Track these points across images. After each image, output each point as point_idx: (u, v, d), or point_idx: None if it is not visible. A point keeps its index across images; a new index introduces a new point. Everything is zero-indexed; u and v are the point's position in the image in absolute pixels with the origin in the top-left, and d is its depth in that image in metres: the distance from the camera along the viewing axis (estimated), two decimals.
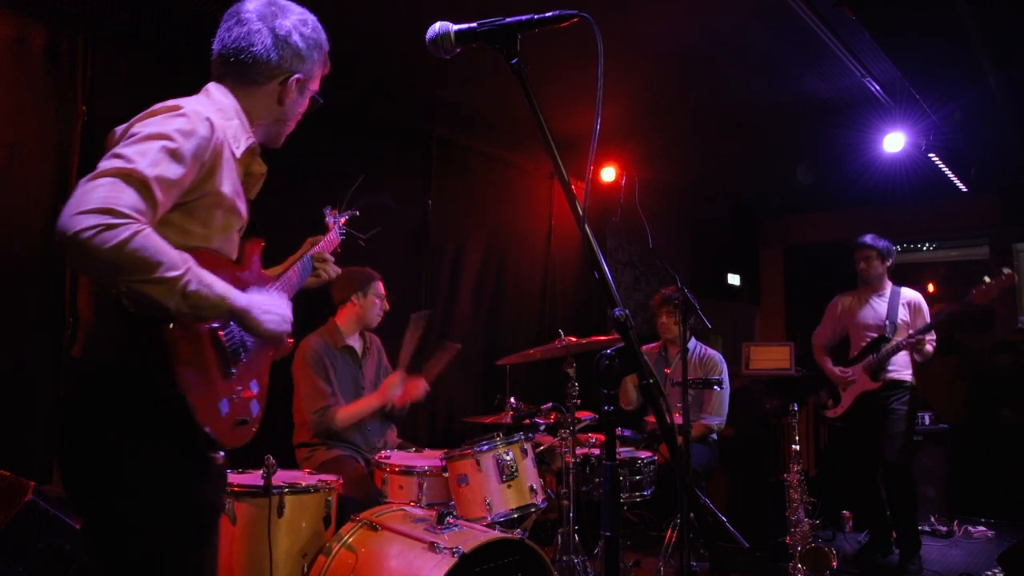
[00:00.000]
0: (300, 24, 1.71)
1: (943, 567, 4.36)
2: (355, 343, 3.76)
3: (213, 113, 1.55)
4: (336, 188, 4.30)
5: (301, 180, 4.10)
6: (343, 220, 2.34)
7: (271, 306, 1.54)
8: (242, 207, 1.63)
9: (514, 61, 1.43)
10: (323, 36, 1.78)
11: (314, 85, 1.79)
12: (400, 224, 4.75)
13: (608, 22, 3.65)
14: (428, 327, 3.94)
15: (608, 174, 5.97)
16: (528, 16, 1.42)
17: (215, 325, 1.49)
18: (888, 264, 4.50)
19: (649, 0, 3.62)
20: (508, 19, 1.43)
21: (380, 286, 3.76)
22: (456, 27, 1.47)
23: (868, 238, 4.51)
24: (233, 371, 1.53)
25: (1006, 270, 4.03)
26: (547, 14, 1.41)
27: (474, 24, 1.46)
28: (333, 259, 2.11)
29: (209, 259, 1.48)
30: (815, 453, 5.69)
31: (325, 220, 2.29)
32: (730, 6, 3.69)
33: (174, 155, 1.39)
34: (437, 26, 1.47)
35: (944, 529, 5.10)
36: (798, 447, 3.86)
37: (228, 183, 1.54)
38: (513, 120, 4.98)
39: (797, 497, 3.79)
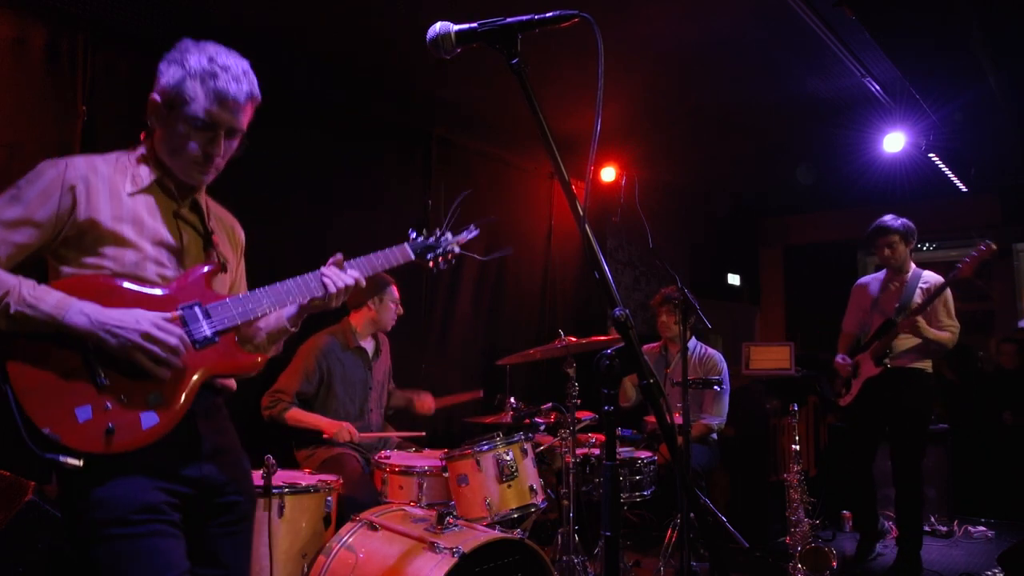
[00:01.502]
0: (178, 50, 1.72)
1: (943, 567, 4.36)
2: (367, 345, 3.81)
3: (93, 159, 1.71)
4: (337, 189, 4.32)
5: (301, 180, 4.11)
6: (455, 248, 2.20)
7: (120, 327, 1.58)
8: (158, 232, 1.72)
9: (514, 61, 1.43)
10: (204, 65, 1.67)
11: (192, 109, 1.67)
12: (400, 224, 4.75)
13: (608, 22, 3.66)
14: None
15: (608, 174, 5.98)
16: (528, 16, 1.42)
17: (84, 339, 1.58)
18: (911, 245, 4.28)
19: (649, 0, 3.63)
20: (508, 19, 1.43)
21: (395, 291, 3.79)
22: (457, 27, 1.47)
23: (888, 220, 4.24)
24: (103, 380, 1.58)
25: (987, 241, 4.02)
26: (547, 14, 1.41)
27: (474, 24, 1.46)
28: (341, 269, 1.90)
29: (93, 282, 1.64)
30: (815, 453, 5.69)
31: (411, 236, 2.12)
32: (730, 6, 3.69)
33: (14, 198, 1.62)
34: (437, 26, 1.47)
35: (944, 529, 5.09)
36: (798, 447, 3.86)
37: (106, 212, 1.67)
38: (513, 120, 4.98)
39: (797, 497, 3.79)
